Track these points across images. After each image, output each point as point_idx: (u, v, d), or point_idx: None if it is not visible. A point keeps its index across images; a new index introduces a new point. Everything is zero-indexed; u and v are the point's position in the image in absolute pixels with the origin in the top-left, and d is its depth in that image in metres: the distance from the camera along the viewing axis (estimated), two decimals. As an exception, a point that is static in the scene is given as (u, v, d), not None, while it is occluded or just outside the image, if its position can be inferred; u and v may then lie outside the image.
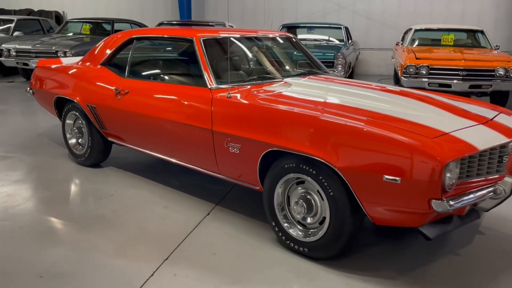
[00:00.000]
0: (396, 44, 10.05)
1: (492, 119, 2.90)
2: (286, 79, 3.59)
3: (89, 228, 3.23)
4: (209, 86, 3.28)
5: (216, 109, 3.13)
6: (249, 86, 3.40)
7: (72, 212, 3.51)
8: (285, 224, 2.90)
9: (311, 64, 4.29)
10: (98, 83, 4.10)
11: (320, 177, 2.63)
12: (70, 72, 4.48)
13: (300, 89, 3.33)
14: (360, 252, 2.93)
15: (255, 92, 3.21)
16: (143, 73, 3.94)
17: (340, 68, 8.44)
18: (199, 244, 3.00)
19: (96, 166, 4.54)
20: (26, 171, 4.39)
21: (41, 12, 16.52)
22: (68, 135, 4.63)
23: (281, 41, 4.34)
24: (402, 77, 8.11)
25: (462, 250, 3.00)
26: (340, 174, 2.50)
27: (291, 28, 10.74)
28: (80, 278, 2.58)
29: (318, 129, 2.62)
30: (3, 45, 10.51)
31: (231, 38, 3.80)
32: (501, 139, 2.63)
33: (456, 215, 2.69)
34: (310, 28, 10.62)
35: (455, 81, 7.77)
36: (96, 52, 4.35)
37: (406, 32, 10.20)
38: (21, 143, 5.39)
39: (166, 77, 3.84)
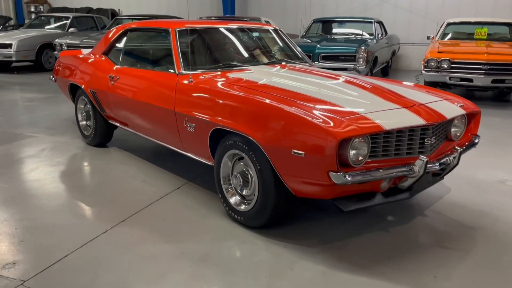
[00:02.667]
0: (427, 38, 9.93)
1: (423, 104, 3.06)
2: (252, 67, 3.89)
3: (71, 194, 3.73)
4: (177, 72, 3.66)
5: (178, 92, 3.51)
6: (219, 73, 3.73)
7: (63, 181, 4.03)
8: (228, 195, 3.23)
9: (291, 54, 4.54)
10: (98, 71, 4.62)
11: (251, 152, 2.94)
12: (80, 61, 5.04)
13: (257, 75, 3.62)
14: (295, 224, 3.20)
15: (214, 77, 3.55)
16: (132, 61, 4.39)
17: (361, 62, 8.54)
18: (156, 211, 3.40)
19: (102, 146, 5.07)
20: (41, 149, 4.99)
21: (99, 10, 17.69)
22: (79, 118, 5.20)
23: (264, 32, 4.62)
24: (424, 71, 8.10)
25: (394, 228, 3.18)
26: (262, 149, 2.80)
27: (325, 22, 10.92)
28: (45, 231, 3.07)
29: (244, 107, 2.95)
30: (56, 40, 11.50)
31: (208, 29, 4.17)
32: (415, 122, 2.80)
33: (380, 192, 2.91)
34: (341, 23, 10.71)
35: (476, 75, 7.64)
36: (101, 43, 4.88)
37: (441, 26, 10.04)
38: (49, 125, 6.07)
39: (149, 64, 4.26)
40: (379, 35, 10.06)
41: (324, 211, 3.43)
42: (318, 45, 8.88)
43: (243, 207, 3.13)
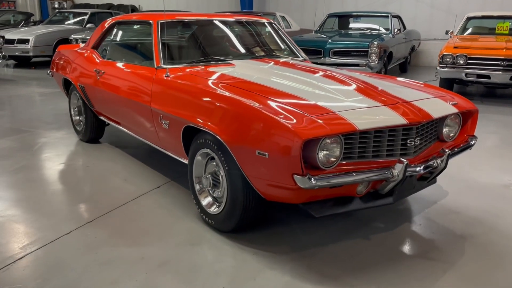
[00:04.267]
0: (446, 33, 9.51)
1: (409, 101, 2.80)
2: (237, 61, 3.69)
3: (48, 191, 3.63)
4: (156, 66, 3.50)
5: (155, 87, 3.35)
6: (201, 67, 3.55)
7: (44, 178, 3.93)
8: (201, 196, 3.05)
9: (284, 49, 4.32)
10: (87, 65, 4.51)
11: (220, 152, 2.75)
12: (73, 56, 4.94)
13: (239, 70, 3.42)
14: (270, 228, 2.99)
15: (191, 72, 3.37)
16: (117, 55, 4.26)
17: (374, 57, 8.23)
18: (128, 212, 3.25)
19: (94, 141, 4.97)
20: (33, 144, 4.93)
21: (119, 6, 17.78)
22: (72, 113, 5.12)
23: (256, 26, 4.41)
24: (438, 67, 7.74)
25: (377, 235, 2.94)
26: (227, 147, 2.61)
27: (341, 17, 10.61)
28: (7, 230, 2.96)
29: (211, 103, 2.77)
30: (71, 36, 11.56)
31: (194, 22, 3.99)
32: (395, 121, 2.55)
33: (358, 197, 2.69)
34: (356, 17, 10.39)
35: (494, 72, 7.24)
36: (92, 37, 4.77)
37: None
38: (49, 120, 6.03)
39: (132, 58, 4.10)
40: (396, 30, 9.68)
41: (306, 215, 3.21)
42: (329, 40, 8.61)
43: (212, 209, 2.95)
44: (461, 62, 7.48)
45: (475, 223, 3.13)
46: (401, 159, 2.55)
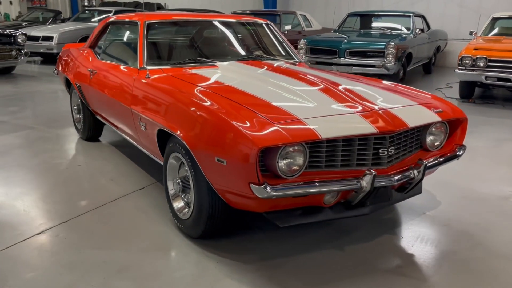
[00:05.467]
0: (470, 34, 9.15)
1: (385, 109, 2.65)
2: (221, 63, 3.60)
3: (33, 190, 3.64)
4: (139, 67, 3.46)
5: (135, 88, 3.32)
6: (185, 69, 3.49)
7: (33, 175, 3.96)
8: (174, 200, 3.00)
9: (278, 50, 4.21)
10: (82, 65, 4.53)
11: (187, 157, 2.69)
12: (74, 55, 4.98)
13: (220, 73, 3.35)
14: (244, 235, 2.91)
15: (172, 74, 3.31)
16: (109, 55, 4.25)
17: (390, 58, 8.00)
18: (105, 213, 3.23)
19: (93, 140, 4.99)
20: (33, 141, 4.99)
21: (146, 4, 17.97)
22: (73, 111, 5.17)
23: (249, 27, 4.31)
24: (457, 70, 7.44)
25: (352, 246, 2.82)
26: (190, 151, 2.54)
27: (362, 16, 10.37)
28: (-17, 229, 2.99)
29: (178, 106, 2.72)
30: (93, 33, 11.74)
31: (183, 23, 3.94)
32: (364, 130, 2.42)
33: (327, 207, 2.58)
34: (377, 17, 10.13)
35: (515, 75, 6.91)
36: (90, 36, 4.80)
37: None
38: (55, 117, 6.11)
39: (122, 58, 4.07)
40: (418, 30, 9.37)
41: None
42: (345, 40, 8.42)
43: (182, 214, 2.89)
44: (481, 64, 7.17)
45: (461, 237, 2.96)
46: (370, 169, 2.42)
